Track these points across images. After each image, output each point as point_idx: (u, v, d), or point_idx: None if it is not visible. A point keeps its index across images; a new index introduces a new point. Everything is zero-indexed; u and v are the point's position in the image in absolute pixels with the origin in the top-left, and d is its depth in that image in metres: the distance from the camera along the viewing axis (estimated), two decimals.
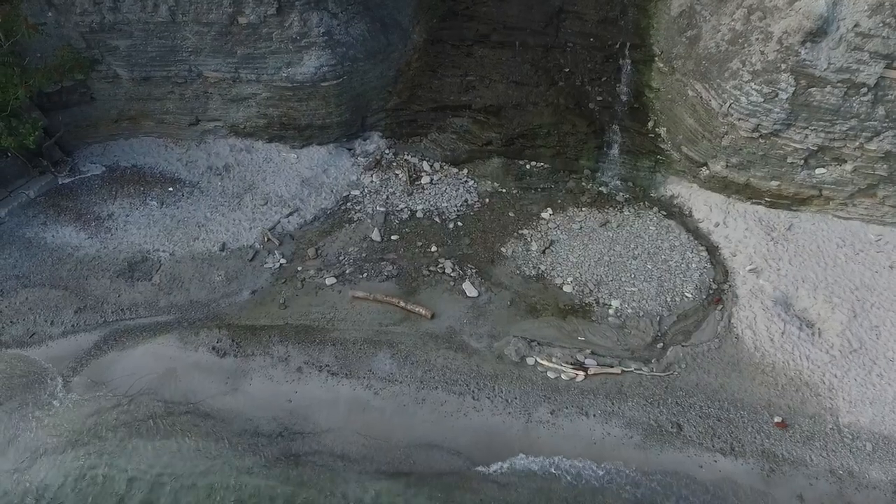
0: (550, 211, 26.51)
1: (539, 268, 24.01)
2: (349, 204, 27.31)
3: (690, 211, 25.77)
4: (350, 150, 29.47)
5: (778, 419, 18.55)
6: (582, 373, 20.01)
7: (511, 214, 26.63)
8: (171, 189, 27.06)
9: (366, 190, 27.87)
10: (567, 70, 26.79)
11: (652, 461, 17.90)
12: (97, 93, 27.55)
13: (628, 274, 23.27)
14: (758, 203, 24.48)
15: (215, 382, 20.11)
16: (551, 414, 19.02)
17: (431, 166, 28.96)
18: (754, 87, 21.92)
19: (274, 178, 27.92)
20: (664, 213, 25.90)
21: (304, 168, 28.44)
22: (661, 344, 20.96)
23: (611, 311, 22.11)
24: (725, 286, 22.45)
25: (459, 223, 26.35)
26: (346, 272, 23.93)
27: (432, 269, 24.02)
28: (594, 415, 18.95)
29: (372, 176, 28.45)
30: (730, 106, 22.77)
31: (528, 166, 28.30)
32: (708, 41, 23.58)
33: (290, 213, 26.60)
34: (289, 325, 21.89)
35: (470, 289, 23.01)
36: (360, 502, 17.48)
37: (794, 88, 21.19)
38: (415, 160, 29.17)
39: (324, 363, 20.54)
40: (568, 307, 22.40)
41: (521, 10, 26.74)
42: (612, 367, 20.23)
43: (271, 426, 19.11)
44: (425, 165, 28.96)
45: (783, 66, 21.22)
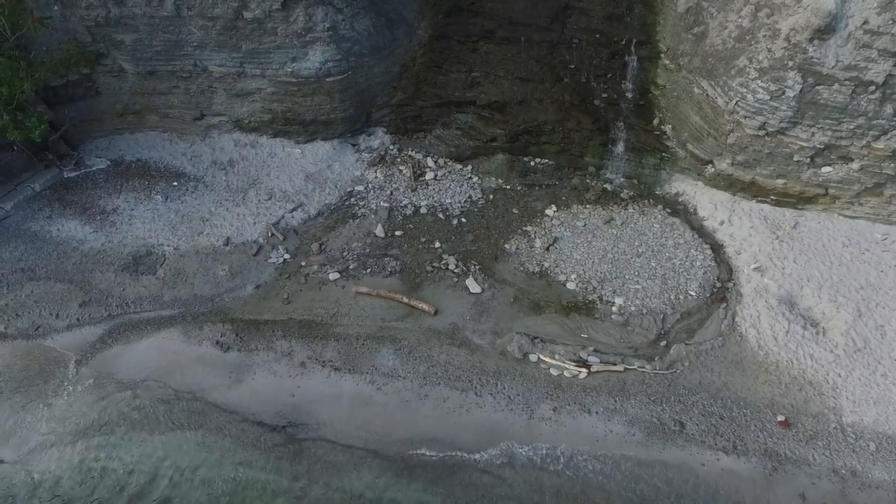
0: (555, 208, 26.47)
1: (543, 265, 23.98)
2: (353, 199, 27.33)
3: (695, 209, 25.69)
4: (354, 145, 29.47)
5: (781, 418, 18.51)
6: (585, 370, 20.01)
7: (515, 211, 26.60)
8: (175, 183, 27.15)
9: (370, 186, 27.88)
10: (572, 66, 26.68)
11: (654, 459, 17.90)
12: (102, 87, 27.66)
13: (632, 271, 23.23)
14: (763, 201, 24.38)
15: (219, 376, 20.21)
16: (553, 411, 19.03)
17: (435, 162, 28.92)
18: (761, 84, 21.78)
19: (278, 174, 27.97)
20: (669, 210, 25.82)
21: (309, 163, 28.47)
22: (665, 342, 20.92)
23: (614, 309, 22.08)
24: (729, 284, 22.40)
25: (463, 219, 26.34)
26: (350, 268, 23.97)
27: (436, 265, 24.04)
28: (597, 412, 18.96)
29: (376, 171, 28.45)
30: (736, 103, 22.64)
31: (532, 163, 28.26)
32: (714, 38, 23.43)
33: (295, 209, 26.63)
34: (292, 320, 21.96)
35: (473, 285, 23.01)
36: (361, 497, 17.57)
37: (801, 86, 21.05)
38: (419, 156, 29.15)
39: (327, 358, 20.61)
40: (571, 304, 22.39)
41: (526, 5, 26.63)
42: (615, 364, 20.23)
43: (274, 420, 19.19)
44: (429, 161, 28.93)
45: (790, 64, 21.07)
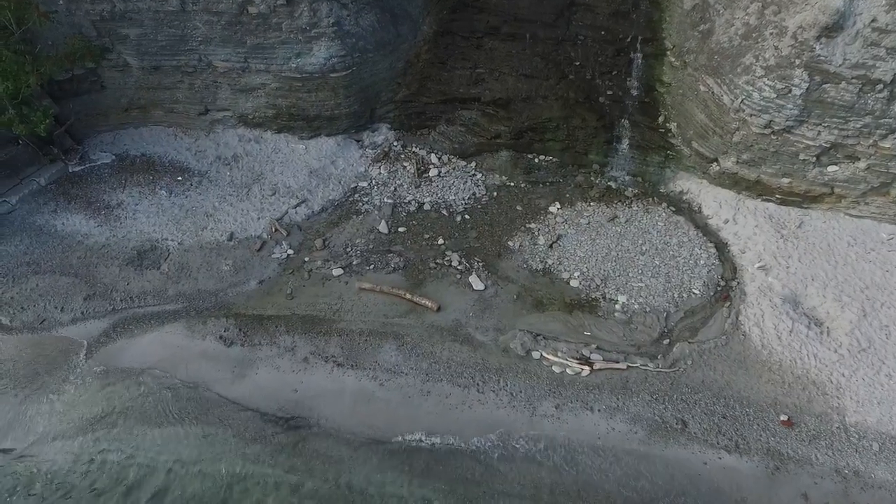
0: (558, 205, 26.43)
1: (546, 262, 23.96)
2: (357, 195, 27.34)
3: (700, 207, 25.60)
4: (358, 141, 29.46)
5: (784, 417, 18.47)
6: (587, 368, 19.99)
7: (519, 208, 26.56)
8: (179, 178, 27.20)
9: (373, 182, 27.88)
10: (577, 63, 26.57)
11: (656, 457, 17.89)
12: (107, 81, 27.70)
13: (636, 269, 23.18)
14: (768, 200, 24.27)
15: (222, 371, 20.28)
16: (556, 408, 19.03)
17: (439, 159, 28.89)
18: (767, 82, 21.66)
19: (282, 169, 27.98)
20: (673, 208, 25.74)
21: (313, 159, 28.47)
22: (668, 340, 20.89)
23: (617, 307, 22.05)
24: (733, 283, 22.32)
25: (467, 216, 26.32)
26: (353, 263, 23.99)
27: (439, 261, 24.04)
28: (599, 410, 18.95)
29: (380, 168, 28.44)
30: (742, 101, 22.52)
31: (536, 160, 28.21)
32: (721, 35, 23.29)
33: (298, 204, 26.66)
34: (295, 315, 22.00)
35: (476, 282, 23.01)
36: (363, 492, 17.62)
37: (807, 84, 20.91)
38: (423, 152, 29.12)
39: (330, 354, 20.64)
40: (574, 302, 22.37)
41: (532, 2, 26.45)
42: (618, 362, 20.20)
43: (277, 415, 19.25)
44: (433, 158, 28.90)
45: (797, 62, 20.94)
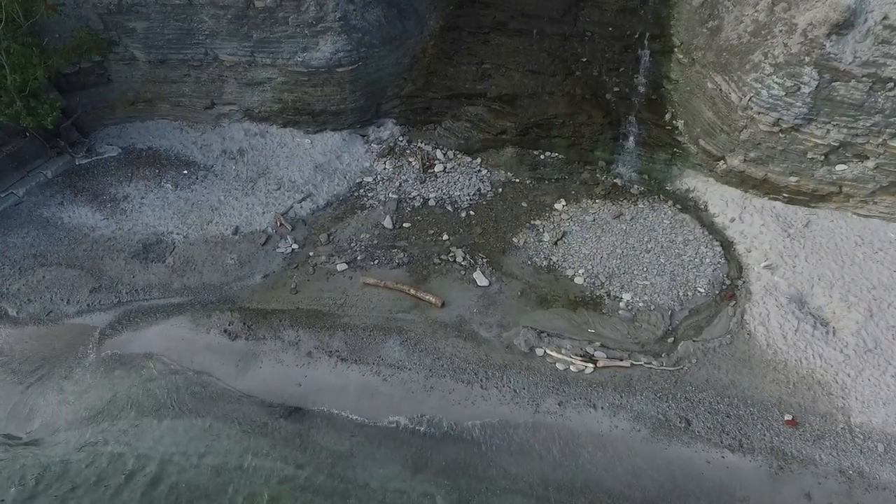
0: (564, 202, 26.35)
1: (551, 259, 23.91)
2: (362, 190, 27.34)
3: (706, 205, 25.46)
4: (364, 136, 29.43)
5: (788, 417, 18.39)
6: (591, 365, 19.96)
7: (524, 205, 26.49)
8: (185, 172, 27.27)
9: (378, 177, 27.87)
10: (584, 60, 26.43)
11: (659, 455, 17.87)
12: (114, 74, 27.76)
13: (641, 267, 23.10)
14: (775, 199, 24.10)
15: (226, 364, 20.35)
16: (559, 405, 19.02)
17: (445, 154, 28.84)
18: (776, 80, 21.48)
19: (287, 164, 28.00)
20: (679, 206, 25.60)
21: (318, 154, 28.48)
22: (672, 338, 20.81)
23: (622, 304, 21.99)
24: (739, 282, 22.21)
25: (472, 212, 26.27)
26: (358, 258, 24.02)
27: (443, 257, 24.02)
28: (602, 407, 18.92)
29: (385, 163, 28.42)
30: (750, 99, 22.36)
31: (542, 156, 28.11)
32: (729, 32, 23.11)
33: (303, 199, 26.68)
34: (300, 309, 22.04)
35: (480, 278, 22.99)
36: (366, 487, 17.67)
37: (817, 82, 20.72)
38: (428, 148, 29.07)
39: (333, 348, 20.68)
40: (579, 299, 22.32)
41: None
42: (622, 360, 20.16)
43: (281, 409, 19.32)
44: (439, 154, 28.85)
45: (807, 59, 20.75)
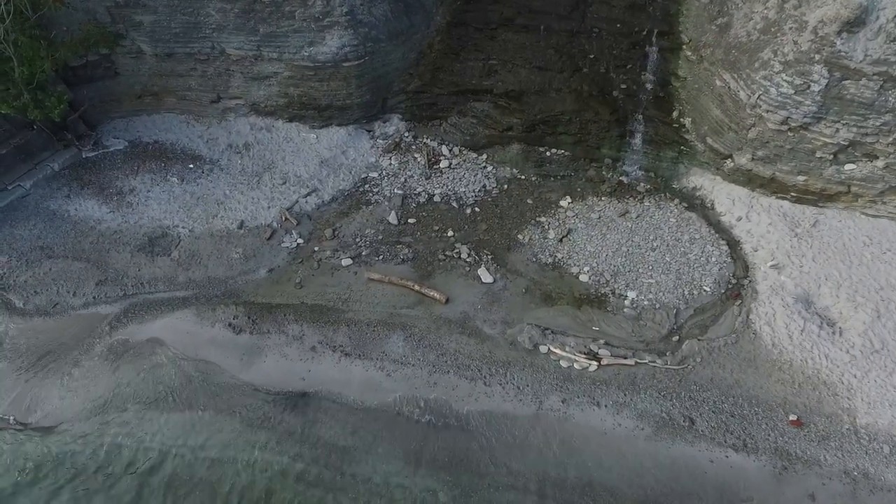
0: (569, 199, 26.26)
1: (556, 256, 23.85)
2: (367, 186, 27.32)
3: (712, 204, 25.32)
4: (369, 131, 29.40)
5: (793, 417, 18.31)
6: (595, 363, 19.92)
7: (529, 201, 26.43)
8: (191, 166, 27.32)
9: (384, 172, 27.83)
10: (592, 56, 26.27)
11: (662, 454, 17.82)
12: (121, 68, 27.82)
13: (646, 265, 23.01)
14: (783, 198, 23.94)
15: (230, 358, 20.40)
16: (563, 403, 18.99)
17: (450, 150, 28.77)
18: (785, 78, 21.30)
19: (293, 158, 28.01)
20: (685, 205, 25.48)
21: (324, 148, 28.47)
22: (677, 337, 20.74)
23: (627, 303, 21.91)
24: (745, 281, 22.09)
25: (477, 209, 26.22)
26: (363, 254, 24.02)
27: (448, 253, 24.00)
28: (606, 405, 18.89)
29: (390, 158, 28.38)
30: (758, 97, 22.18)
31: (548, 153, 28.01)
32: (739, 29, 22.92)
33: (309, 194, 26.69)
34: (304, 304, 22.08)
35: (485, 275, 22.95)
36: (368, 482, 17.71)
37: (827, 80, 20.54)
38: (434, 144, 29.02)
39: (337, 343, 20.71)
40: (583, 297, 22.26)
41: None
42: (626, 358, 20.11)
43: (284, 403, 19.37)
44: (444, 150, 28.79)
45: (817, 57, 20.55)
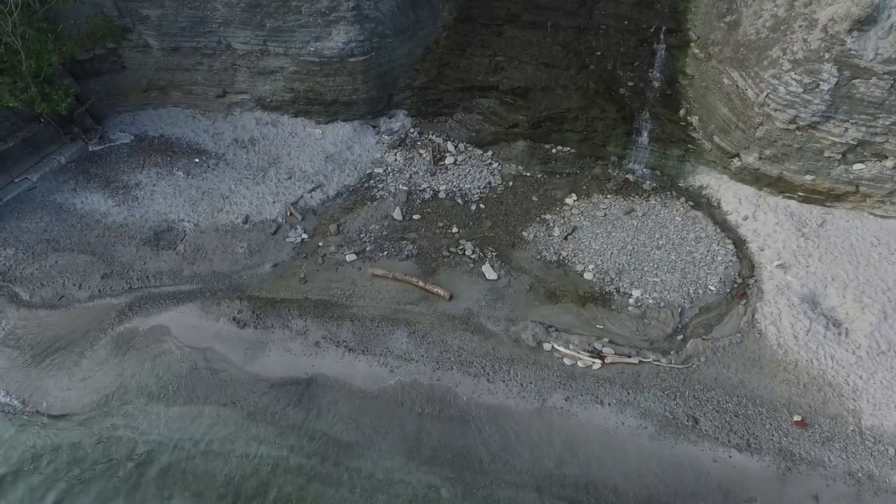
0: (575, 197, 26.18)
1: (560, 254, 23.79)
2: (372, 181, 27.32)
3: (719, 203, 25.20)
4: (375, 127, 29.38)
5: (797, 418, 18.22)
6: (599, 361, 19.88)
7: (534, 199, 26.36)
8: (197, 160, 27.37)
9: (389, 168, 27.82)
10: (599, 53, 26.15)
11: (665, 453, 17.78)
12: (128, 62, 27.89)
13: (651, 264, 22.92)
14: (790, 197, 23.79)
15: (235, 352, 20.45)
16: (566, 400, 18.96)
17: (456, 147, 28.72)
18: (794, 76, 21.13)
19: (298, 153, 28.03)
20: (691, 203, 25.36)
21: (329, 144, 28.47)
22: (682, 336, 20.67)
23: (631, 301, 21.85)
24: (751, 281, 21.99)
25: (482, 205, 26.19)
26: (367, 249, 24.03)
27: (452, 250, 23.98)
28: (609, 404, 18.85)
29: (396, 154, 28.36)
30: (767, 96, 22.02)
31: (553, 150, 27.93)
32: (748, 27, 22.75)
33: (314, 189, 26.71)
34: (308, 299, 22.12)
35: (489, 272, 22.92)
36: (371, 477, 17.75)
37: (836, 79, 20.37)
38: (439, 140, 28.97)
39: (341, 339, 20.74)
40: (588, 294, 22.21)
41: None
42: (630, 356, 20.05)
43: (288, 398, 19.42)
44: (450, 146, 28.74)
45: (826, 56, 20.38)
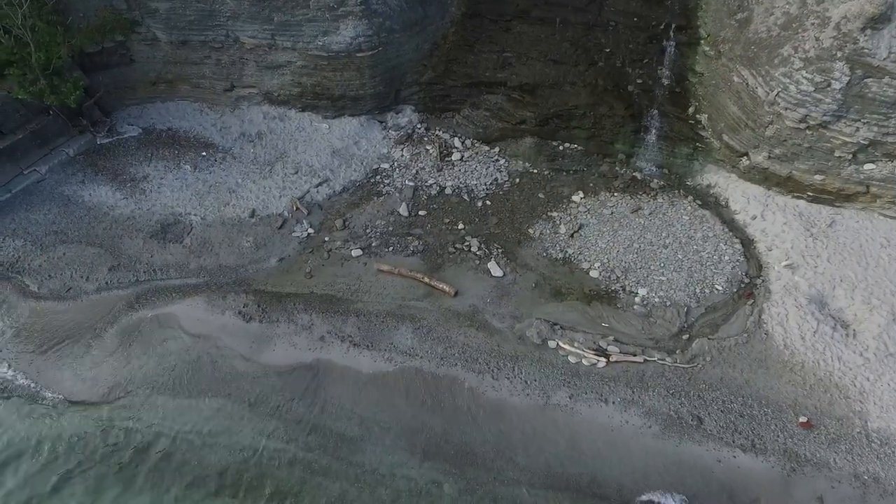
0: (581, 194, 26.07)
1: (566, 251, 23.71)
2: (378, 177, 27.29)
3: (727, 202, 25.02)
4: (382, 122, 29.33)
5: (803, 419, 18.13)
6: (603, 359, 19.83)
7: (541, 196, 26.27)
8: (204, 154, 27.43)
9: (395, 164, 27.78)
10: (608, 50, 25.96)
11: (669, 452, 17.73)
12: (136, 55, 27.93)
13: (658, 262, 22.81)
14: (799, 197, 23.59)
15: (240, 346, 20.53)
16: (570, 398, 18.94)
17: (462, 143, 28.65)
18: (805, 75, 20.92)
19: (305, 148, 28.03)
20: (699, 202, 25.20)
21: (336, 139, 28.46)
22: (687, 335, 20.58)
23: (637, 299, 21.76)
24: (758, 281, 21.85)
25: (488, 202, 26.12)
26: (373, 245, 24.04)
27: (458, 246, 23.95)
28: (613, 402, 18.81)
29: (402, 150, 28.31)
30: (777, 94, 21.82)
31: (561, 147, 27.80)
32: (759, 25, 22.53)
33: (320, 184, 26.72)
34: (314, 294, 22.16)
35: (495, 268, 22.88)
36: (375, 472, 17.81)
37: (848, 78, 20.16)
38: (446, 136, 28.90)
39: (346, 333, 20.78)
40: (593, 292, 22.14)
41: None
42: (635, 355, 19.99)
43: (292, 392, 19.49)
44: (456, 142, 28.66)
45: (839, 54, 20.17)
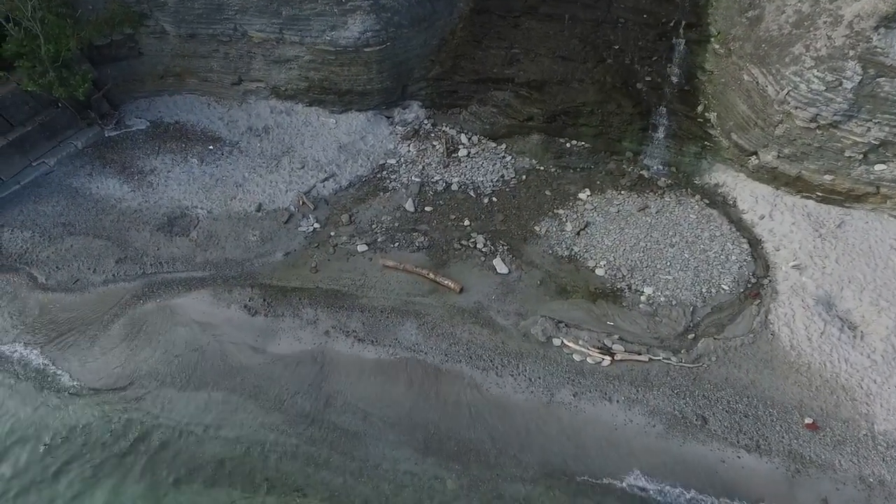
0: (588, 192, 25.97)
1: (572, 249, 23.65)
2: (385, 172, 27.28)
3: (735, 201, 24.86)
4: (389, 118, 29.29)
5: (809, 420, 18.03)
6: (608, 358, 19.78)
7: (547, 193, 26.19)
8: (211, 147, 27.49)
9: (402, 159, 27.75)
10: (616, 47, 25.81)
11: (673, 452, 17.69)
12: (145, 48, 28.01)
13: (664, 261, 22.71)
14: (808, 197, 23.41)
15: (245, 339, 20.61)
16: (574, 396, 18.91)
17: (469, 139, 28.57)
18: (817, 74, 20.72)
19: (312, 143, 28.05)
20: (707, 201, 25.05)
21: (342, 134, 28.45)
22: (693, 335, 20.49)
23: (643, 298, 21.67)
24: (765, 281, 21.71)
25: (494, 199, 26.06)
26: (378, 240, 24.04)
27: (464, 243, 23.92)
28: (617, 400, 18.77)
29: (409, 145, 28.28)
30: (788, 93, 21.63)
31: (568, 145, 27.69)
32: (770, 23, 22.32)
33: (326, 178, 26.73)
34: (319, 288, 22.20)
35: (500, 265, 22.84)
36: (377, 467, 17.86)
37: (860, 77, 19.95)
38: (453, 132, 28.84)
39: (351, 328, 20.81)
40: (599, 291, 22.07)
41: None
42: (640, 354, 19.93)
43: (297, 386, 19.55)
44: (463, 138, 28.60)
45: (851, 53, 19.96)
